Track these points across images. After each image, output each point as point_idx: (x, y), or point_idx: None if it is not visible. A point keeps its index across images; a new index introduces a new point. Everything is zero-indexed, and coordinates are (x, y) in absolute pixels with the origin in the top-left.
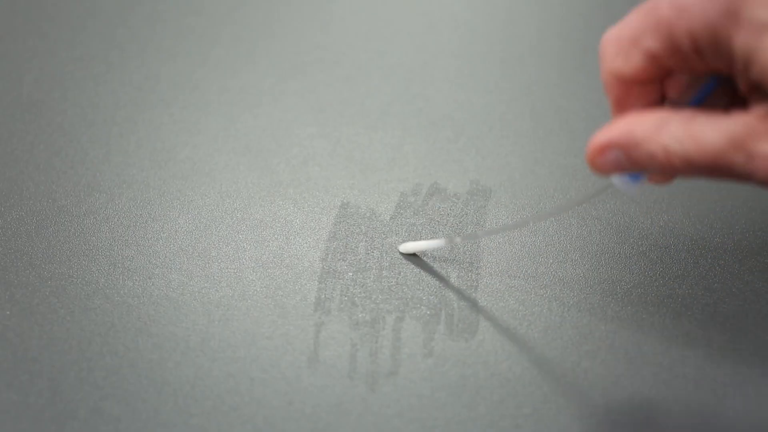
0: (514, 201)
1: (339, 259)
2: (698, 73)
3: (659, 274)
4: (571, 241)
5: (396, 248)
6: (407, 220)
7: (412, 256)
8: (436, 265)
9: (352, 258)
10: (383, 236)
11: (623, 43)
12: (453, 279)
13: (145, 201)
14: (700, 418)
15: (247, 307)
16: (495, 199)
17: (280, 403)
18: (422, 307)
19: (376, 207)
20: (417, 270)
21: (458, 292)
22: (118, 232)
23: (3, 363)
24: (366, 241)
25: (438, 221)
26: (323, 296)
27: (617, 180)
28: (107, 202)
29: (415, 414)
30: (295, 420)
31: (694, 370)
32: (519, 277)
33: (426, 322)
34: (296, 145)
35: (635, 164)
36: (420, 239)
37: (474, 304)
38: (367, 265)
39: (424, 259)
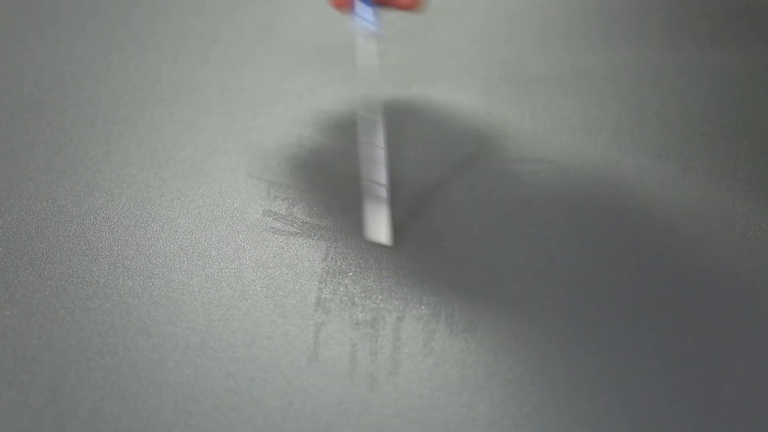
0: (515, 201)
1: (339, 259)
2: None
3: (659, 274)
4: (571, 241)
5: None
6: (406, 220)
7: (414, 256)
8: (436, 265)
9: (353, 257)
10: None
11: None
12: (453, 279)
13: (145, 201)
14: (701, 417)
15: (247, 307)
16: (495, 200)
17: (280, 403)
18: (422, 306)
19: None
20: (417, 269)
21: (458, 291)
22: (118, 231)
23: (3, 362)
24: (366, 241)
25: (437, 221)
26: (323, 296)
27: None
28: (107, 202)
29: (415, 414)
30: (295, 420)
31: (694, 370)
32: (519, 276)
33: (426, 322)
34: (296, 145)
35: None
36: (415, 238)
37: (474, 304)
38: (367, 264)
39: (425, 259)
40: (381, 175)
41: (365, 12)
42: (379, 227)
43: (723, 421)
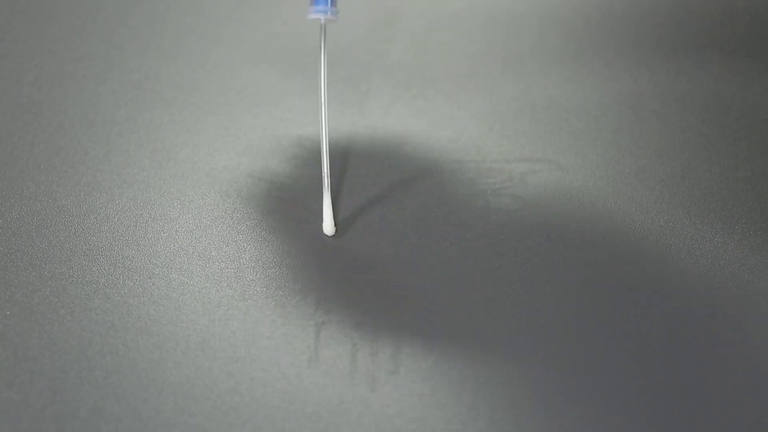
0: (515, 201)
1: (340, 258)
2: None
3: (659, 274)
4: (570, 242)
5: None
6: (407, 221)
7: (414, 256)
8: (436, 265)
9: (353, 257)
10: (384, 235)
11: None
12: (453, 278)
13: (145, 201)
14: (701, 417)
15: (247, 307)
16: (495, 200)
17: (280, 403)
18: (423, 306)
19: (377, 207)
20: (418, 269)
21: (458, 291)
22: (118, 231)
23: (3, 362)
24: (367, 240)
25: (437, 222)
26: (323, 296)
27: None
28: (107, 202)
29: (416, 413)
30: (295, 420)
31: (694, 371)
32: (519, 276)
33: (426, 322)
34: (296, 145)
35: None
36: (415, 238)
37: (474, 304)
38: (368, 264)
39: (425, 258)
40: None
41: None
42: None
43: (724, 421)
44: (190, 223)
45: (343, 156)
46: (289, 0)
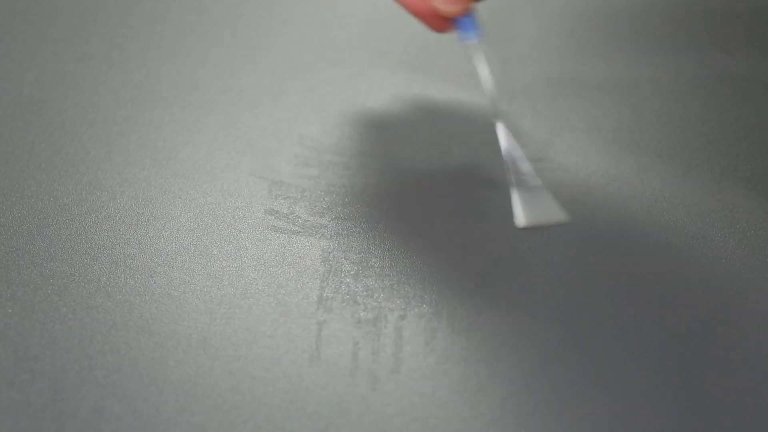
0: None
1: (341, 257)
2: None
3: (660, 273)
4: (571, 242)
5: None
6: (407, 221)
7: (415, 256)
8: (437, 264)
9: (354, 256)
10: (385, 235)
11: None
12: (454, 277)
13: (146, 199)
14: (701, 417)
15: (248, 306)
16: (495, 199)
17: (281, 402)
18: (424, 305)
19: (377, 207)
20: (419, 268)
21: (459, 290)
22: (119, 230)
23: (4, 361)
24: (368, 239)
25: (438, 222)
26: (325, 294)
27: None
28: (109, 201)
29: (417, 412)
30: (296, 419)
31: (694, 371)
32: (520, 275)
33: (428, 320)
34: (297, 144)
35: None
36: (416, 237)
37: (475, 303)
38: (370, 263)
39: (427, 258)
40: (526, 167)
41: (468, 26)
42: (549, 209)
43: (724, 421)
44: (191, 222)
45: (343, 155)
46: (289, 0)
